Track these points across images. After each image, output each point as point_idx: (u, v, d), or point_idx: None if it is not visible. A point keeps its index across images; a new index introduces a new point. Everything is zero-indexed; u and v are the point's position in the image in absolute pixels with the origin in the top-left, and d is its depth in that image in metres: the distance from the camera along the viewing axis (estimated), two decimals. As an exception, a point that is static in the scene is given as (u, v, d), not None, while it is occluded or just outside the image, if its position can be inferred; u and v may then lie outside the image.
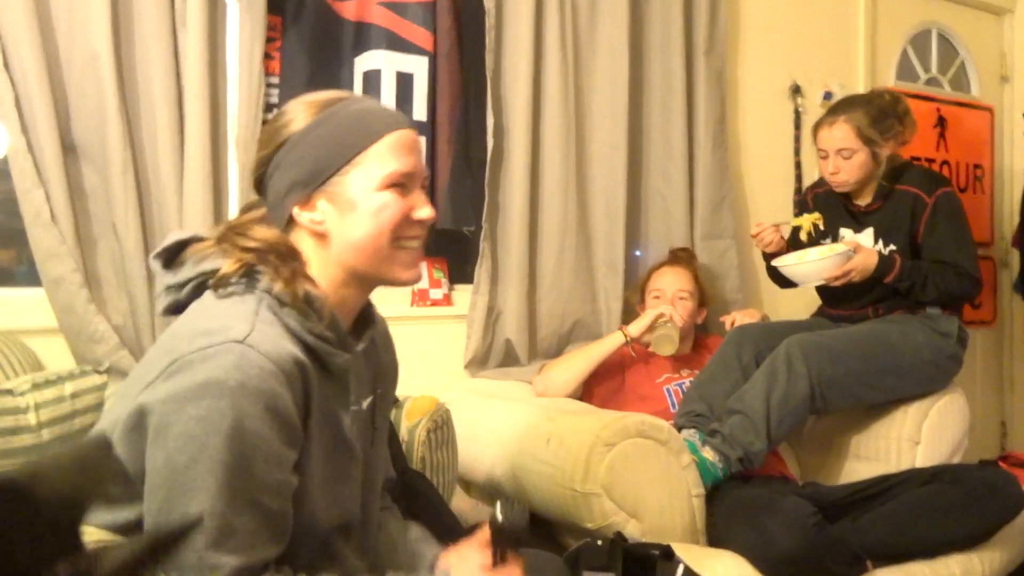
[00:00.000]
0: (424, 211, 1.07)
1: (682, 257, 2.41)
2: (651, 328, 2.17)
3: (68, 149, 1.79)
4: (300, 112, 1.06)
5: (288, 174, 1.04)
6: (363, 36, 2.18)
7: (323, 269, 1.05)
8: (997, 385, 3.44)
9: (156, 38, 1.84)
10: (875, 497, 1.85)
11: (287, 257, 1.02)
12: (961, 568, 1.82)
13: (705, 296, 2.35)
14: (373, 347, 1.17)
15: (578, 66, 2.40)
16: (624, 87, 2.43)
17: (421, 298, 2.30)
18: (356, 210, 1.03)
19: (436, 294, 2.33)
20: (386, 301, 2.22)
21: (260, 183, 1.09)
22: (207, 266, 1.02)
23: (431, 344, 2.30)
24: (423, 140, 2.22)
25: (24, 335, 1.73)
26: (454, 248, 2.48)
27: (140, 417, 0.93)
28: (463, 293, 2.36)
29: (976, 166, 3.38)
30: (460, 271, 2.44)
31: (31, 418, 1.25)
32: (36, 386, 1.29)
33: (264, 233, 1.04)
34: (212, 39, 1.90)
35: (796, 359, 1.97)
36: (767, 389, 1.94)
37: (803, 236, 2.25)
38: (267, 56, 2.03)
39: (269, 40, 2.03)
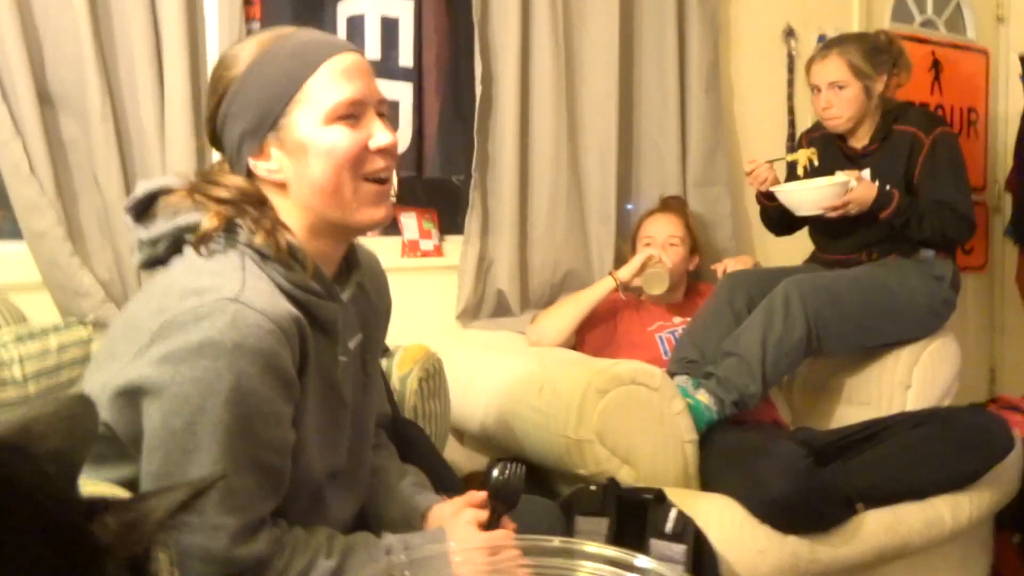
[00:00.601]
0: (381, 138, 1.00)
1: (673, 204, 2.39)
2: (641, 271, 2.16)
3: (44, 99, 1.74)
4: (240, 54, 1.00)
5: (237, 124, 0.99)
6: (346, -21, 2.12)
7: (292, 220, 1.00)
8: (987, 330, 3.46)
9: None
10: (866, 440, 1.86)
11: (263, 206, 0.98)
12: (949, 509, 1.85)
13: (697, 244, 2.33)
14: (361, 292, 1.14)
15: (568, 10, 2.34)
16: (615, 31, 2.38)
17: (411, 249, 2.28)
18: (308, 151, 0.98)
19: (427, 245, 2.31)
20: (376, 252, 2.20)
21: (214, 138, 1.03)
22: (182, 221, 0.98)
23: (422, 295, 2.29)
24: (408, 87, 2.17)
25: (8, 290, 1.71)
26: (444, 198, 2.44)
27: (132, 382, 0.91)
28: (454, 244, 2.34)
29: (971, 110, 3.34)
30: (451, 221, 2.41)
31: (16, 371, 1.23)
32: (20, 339, 1.27)
33: (235, 180, 0.99)
34: (189, -16, 1.84)
35: (793, 300, 1.96)
36: (764, 330, 1.94)
37: (800, 171, 2.22)
38: (246, 1, 1.97)
39: (249, -15, 1.97)
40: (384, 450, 1.27)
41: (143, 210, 1.02)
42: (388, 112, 1.06)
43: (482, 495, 1.10)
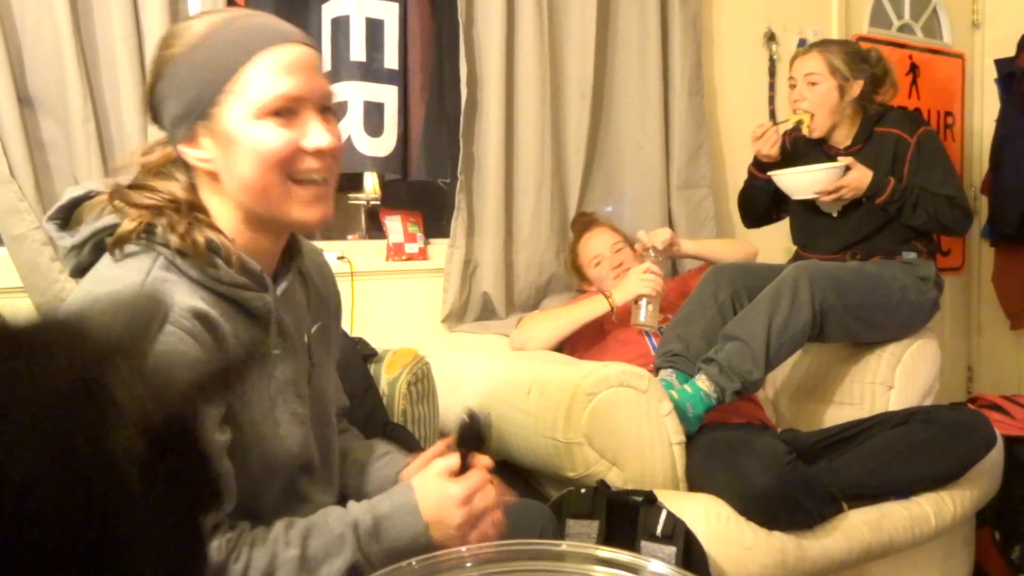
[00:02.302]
0: (316, 139, 0.93)
1: (587, 220, 2.36)
2: (636, 299, 2.09)
3: (24, 100, 1.71)
4: (182, 33, 0.94)
5: (171, 107, 0.95)
6: (331, -20, 2.11)
7: (224, 211, 0.97)
8: (964, 330, 3.51)
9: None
10: (850, 440, 1.88)
11: (185, 209, 0.95)
12: (933, 506, 1.87)
13: (630, 240, 2.32)
14: (305, 280, 1.11)
15: (552, 13, 2.35)
16: (597, 34, 2.39)
17: (396, 252, 2.27)
18: (236, 145, 0.92)
19: (411, 248, 2.30)
20: (360, 255, 2.20)
21: (155, 119, 0.99)
22: (103, 223, 0.95)
23: (408, 299, 2.28)
24: (394, 89, 2.16)
25: (-13, 295, 1.68)
26: (429, 201, 2.44)
27: None
28: (439, 247, 2.33)
29: (947, 113, 3.39)
30: (436, 224, 2.40)
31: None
32: None
33: (163, 186, 0.96)
34: (172, -17, 1.82)
35: (802, 285, 1.96)
36: (769, 314, 1.93)
37: (804, 130, 2.21)
38: (231, 1, 1.95)
39: (232, -15, 1.96)
40: (347, 433, 1.24)
41: (68, 217, 1.00)
42: (337, 111, 1.01)
43: (445, 442, 1.07)
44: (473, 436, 1.04)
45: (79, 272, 0.99)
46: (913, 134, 2.15)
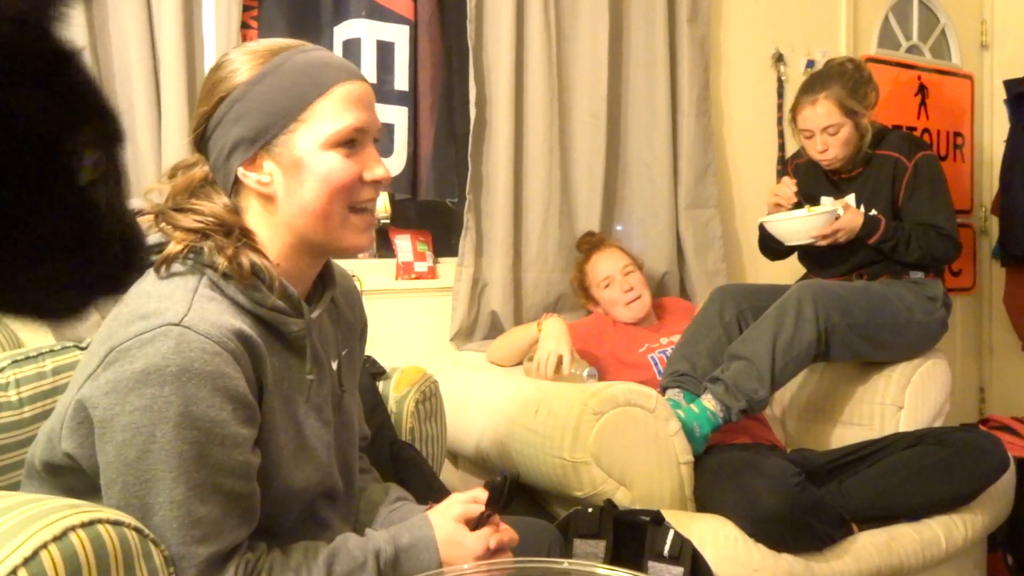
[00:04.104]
0: (377, 171, 1.00)
1: (597, 240, 2.36)
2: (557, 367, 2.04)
3: (41, 121, 1.74)
4: (244, 62, 0.98)
5: (231, 131, 0.97)
6: (342, 4, 2.15)
7: (272, 235, 1.00)
8: (976, 351, 3.49)
9: (130, 3, 1.79)
10: (860, 461, 1.86)
11: (231, 232, 0.97)
12: (944, 529, 1.85)
13: (639, 261, 2.33)
14: (335, 308, 1.13)
15: (560, 35, 2.38)
16: (606, 55, 2.41)
17: (406, 271, 2.29)
18: (303, 171, 0.97)
19: (421, 267, 2.31)
20: (370, 274, 2.22)
21: (201, 140, 1.01)
22: (148, 241, 0.96)
23: (416, 317, 2.29)
24: (403, 110, 2.19)
25: (1, 312, 1.70)
26: (438, 221, 2.46)
27: (83, 411, 0.90)
28: (448, 266, 2.35)
29: (956, 134, 3.39)
30: (444, 244, 2.42)
31: (12, 395, 1.22)
32: (16, 362, 1.26)
33: (208, 208, 0.98)
34: (187, 6, 1.86)
35: (806, 303, 1.96)
36: (774, 333, 1.93)
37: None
38: (244, 25, 1.99)
39: (246, 8, 1.99)
40: (367, 474, 1.26)
41: None
42: (382, 140, 1.07)
43: (473, 492, 1.08)
44: (500, 496, 1.06)
45: None
46: (911, 158, 2.16)
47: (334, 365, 1.09)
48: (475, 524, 1.05)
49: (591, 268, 2.29)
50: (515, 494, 1.06)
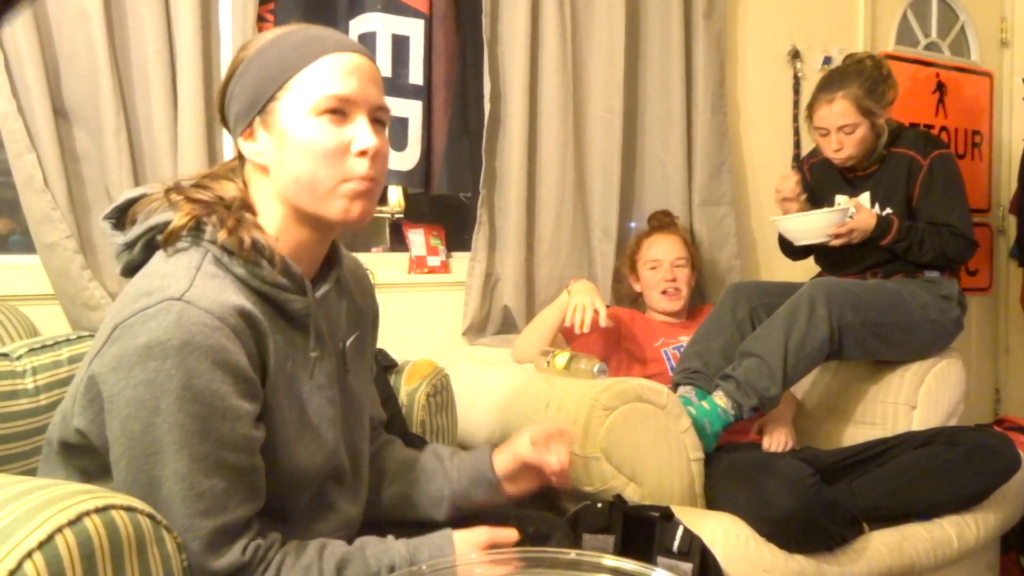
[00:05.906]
0: (363, 142, 0.98)
1: (667, 222, 2.36)
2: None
3: (59, 112, 1.76)
4: (254, 41, 1.02)
5: (234, 105, 1.02)
6: (358, -2, 2.15)
7: (271, 207, 1.01)
8: (992, 351, 3.46)
9: (147, -2, 1.81)
10: (872, 460, 1.86)
11: (235, 207, 0.99)
12: (956, 529, 1.84)
13: (696, 259, 2.33)
14: (343, 289, 1.14)
15: (576, 30, 2.37)
16: (622, 50, 2.41)
17: (418, 265, 2.29)
18: (289, 139, 0.98)
19: (433, 261, 2.32)
20: (383, 267, 2.23)
21: (224, 118, 1.05)
22: (154, 220, 0.99)
23: (429, 311, 2.30)
24: (418, 104, 2.19)
25: (19, 302, 1.72)
26: (451, 215, 2.46)
27: (95, 387, 0.91)
28: (460, 260, 2.35)
29: (975, 132, 3.36)
30: (457, 238, 2.42)
31: (28, 382, 1.24)
32: (33, 351, 1.28)
33: (216, 185, 1.01)
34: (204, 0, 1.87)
35: (819, 301, 1.95)
36: (786, 330, 1.92)
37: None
38: (260, 18, 1.99)
39: (262, 1, 2.00)
40: (395, 443, 1.26)
41: (123, 217, 1.03)
42: (388, 122, 1.06)
43: (507, 531, 1.08)
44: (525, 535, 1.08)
45: (130, 271, 1.01)
46: (927, 156, 2.14)
47: (342, 347, 1.09)
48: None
49: (647, 245, 2.28)
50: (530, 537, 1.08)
